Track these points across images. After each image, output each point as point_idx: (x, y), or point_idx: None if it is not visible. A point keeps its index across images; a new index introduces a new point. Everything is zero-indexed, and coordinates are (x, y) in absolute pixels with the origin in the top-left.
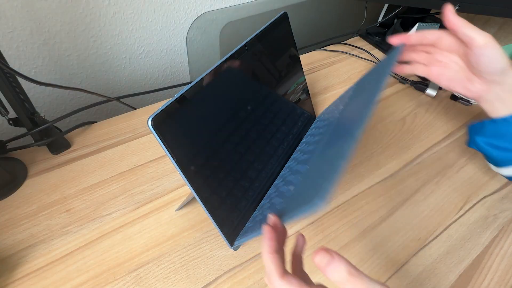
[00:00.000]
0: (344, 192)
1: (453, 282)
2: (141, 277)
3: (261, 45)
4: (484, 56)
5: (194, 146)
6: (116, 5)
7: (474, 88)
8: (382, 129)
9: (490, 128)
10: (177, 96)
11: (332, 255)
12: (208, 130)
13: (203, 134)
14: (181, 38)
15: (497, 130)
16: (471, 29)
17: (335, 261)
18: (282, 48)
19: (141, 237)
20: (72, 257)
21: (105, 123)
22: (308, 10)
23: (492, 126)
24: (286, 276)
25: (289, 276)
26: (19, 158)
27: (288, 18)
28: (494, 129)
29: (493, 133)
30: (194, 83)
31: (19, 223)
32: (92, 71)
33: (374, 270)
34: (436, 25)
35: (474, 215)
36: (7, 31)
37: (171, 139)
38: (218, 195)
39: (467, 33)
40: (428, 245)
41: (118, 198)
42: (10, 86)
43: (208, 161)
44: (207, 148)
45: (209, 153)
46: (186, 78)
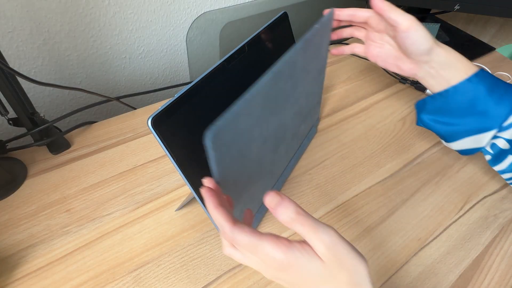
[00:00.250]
0: (344, 192)
1: (453, 282)
2: (141, 277)
3: (261, 45)
4: (409, 39)
5: (194, 146)
6: (116, 5)
7: (406, 67)
8: (382, 129)
9: (431, 104)
10: (177, 96)
11: (282, 197)
12: None
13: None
14: (181, 38)
15: (437, 105)
16: (395, 12)
17: (285, 202)
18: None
19: (141, 237)
20: (72, 257)
21: (105, 123)
22: (308, 10)
23: (432, 102)
24: (238, 223)
25: (241, 223)
26: (19, 158)
27: (288, 18)
28: (434, 105)
29: (435, 109)
30: (194, 83)
31: (19, 223)
32: (92, 71)
33: (374, 270)
34: (437, 25)
35: (474, 215)
36: (7, 31)
37: (171, 139)
38: None
39: (392, 17)
40: (428, 245)
41: (118, 198)
42: (10, 86)
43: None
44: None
45: None
46: (186, 78)
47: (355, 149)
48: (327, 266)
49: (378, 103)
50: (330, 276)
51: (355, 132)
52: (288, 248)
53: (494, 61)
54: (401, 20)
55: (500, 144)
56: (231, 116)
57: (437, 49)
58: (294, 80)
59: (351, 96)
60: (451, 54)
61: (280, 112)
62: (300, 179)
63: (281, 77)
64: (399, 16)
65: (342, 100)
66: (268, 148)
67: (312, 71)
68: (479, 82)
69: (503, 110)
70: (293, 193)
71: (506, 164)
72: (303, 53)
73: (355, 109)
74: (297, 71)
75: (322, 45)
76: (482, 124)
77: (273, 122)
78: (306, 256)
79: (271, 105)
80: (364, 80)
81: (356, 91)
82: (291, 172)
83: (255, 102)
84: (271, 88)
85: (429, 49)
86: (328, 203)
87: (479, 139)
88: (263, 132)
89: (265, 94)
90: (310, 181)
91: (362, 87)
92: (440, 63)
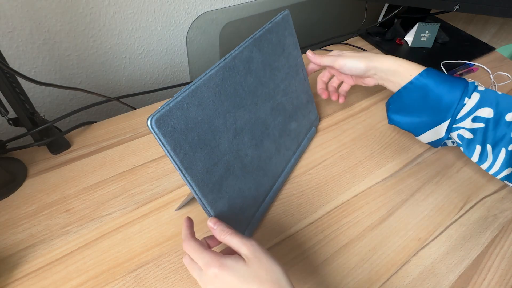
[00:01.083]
0: (344, 192)
1: (453, 282)
2: (141, 277)
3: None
4: (345, 69)
5: (194, 146)
6: (116, 5)
7: (367, 82)
8: (382, 129)
9: (393, 104)
10: (177, 96)
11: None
12: (208, 130)
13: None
14: (181, 38)
15: (397, 104)
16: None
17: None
18: (285, 47)
19: (141, 237)
20: (72, 257)
21: (105, 123)
22: (308, 10)
23: (393, 102)
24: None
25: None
26: (19, 158)
27: (290, 17)
28: (395, 104)
29: (397, 108)
30: (194, 83)
31: (19, 223)
32: (92, 71)
33: (374, 270)
34: (437, 25)
35: (474, 215)
36: (7, 31)
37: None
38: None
39: (322, 63)
40: (428, 245)
41: (118, 198)
42: (10, 86)
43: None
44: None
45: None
46: (186, 78)
47: (355, 149)
48: (250, 266)
49: (378, 103)
50: (252, 273)
51: (355, 132)
52: (221, 255)
53: (494, 61)
54: (332, 63)
55: (465, 134)
56: (175, 103)
57: (374, 63)
58: (256, 76)
59: (351, 96)
60: (393, 63)
61: (247, 106)
62: (300, 179)
63: (234, 71)
64: (329, 61)
65: None
66: (244, 141)
67: (281, 69)
68: (425, 79)
69: (453, 99)
70: (293, 193)
71: (477, 155)
72: (258, 50)
73: (355, 109)
74: (256, 67)
75: (283, 44)
76: (436, 116)
77: (241, 115)
78: (234, 259)
79: (232, 98)
80: None
81: (356, 91)
82: (292, 172)
83: (205, 93)
84: (225, 82)
85: (366, 68)
86: (328, 203)
87: (437, 131)
88: (228, 124)
89: (216, 86)
90: (310, 181)
91: (362, 87)
92: (385, 72)
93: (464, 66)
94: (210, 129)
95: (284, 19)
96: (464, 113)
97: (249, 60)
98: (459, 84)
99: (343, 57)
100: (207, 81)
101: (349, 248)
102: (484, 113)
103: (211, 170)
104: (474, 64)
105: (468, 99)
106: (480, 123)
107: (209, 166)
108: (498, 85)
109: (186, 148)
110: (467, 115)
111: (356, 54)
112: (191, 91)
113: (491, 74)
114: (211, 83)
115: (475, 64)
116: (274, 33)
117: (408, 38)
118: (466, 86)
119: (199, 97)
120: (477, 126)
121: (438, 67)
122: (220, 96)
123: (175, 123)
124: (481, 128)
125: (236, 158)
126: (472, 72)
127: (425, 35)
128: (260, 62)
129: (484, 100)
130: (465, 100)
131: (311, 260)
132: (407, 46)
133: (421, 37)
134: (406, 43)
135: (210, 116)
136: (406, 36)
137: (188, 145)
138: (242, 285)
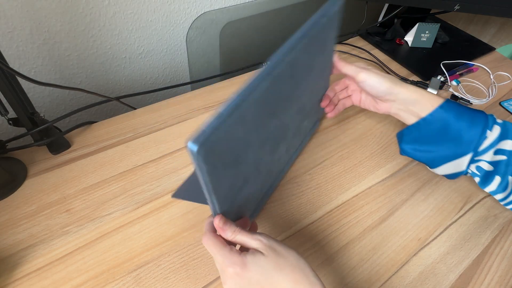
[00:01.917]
0: (344, 192)
1: (453, 282)
2: (141, 277)
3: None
4: (367, 86)
5: (227, 166)
6: (116, 5)
7: (380, 107)
8: (382, 129)
9: (408, 135)
10: (221, 114)
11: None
12: (242, 147)
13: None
14: (181, 38)
15: (413, 136)
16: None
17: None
18: (327, 43)
19: (141, 237)
20: (72, 257)
21: (105, 123)
22: (308, 10)
23: (408, 133)
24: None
25: None
26: (19, 158)
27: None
28: (410, 135)
29: (412, 139)
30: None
31: (19, 223)
32: (92, 71)
33: (374, 270)
34: (437, 25)
35: (474, 215)
36: (7, 31)
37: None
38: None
39: (348, 72)
40: (428, 245)
41: (118, 198)
42: (10, 86)
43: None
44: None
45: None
46: (186, 78)
47: (355, 149)
48: (267, 256)
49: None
50: (272, 262)
51: (355, 132)
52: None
53: (494, 61)
54: (355, 73)
55: (485, 166)
56: (218, 123)
57: (398, 89)
58: (295, 80)
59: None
60: (415, 91)
61: (281, 113)
62: (300, 179)
63: (280, 79)
64: (352, 71)
65: None
66: (266, 150)
67: (317, 68)
68: (446, 111)
69: (475, 133)
70: (293, 193)
71: (495, 185)
72: (305, 51)
73: (355, 109)
74: (299, 71)
75: (326, 40)
76: (457, 149)
77: (273, 123)
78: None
79: (269, 107)
80: None
81: None
82: (292, 172)
83: (249, 107)
84: (269, 91)
85: (388, 89)
86: (328, 203)
87: (458, 164)
88: (260, 136)
89: (259, 98)
90: (310, 181)
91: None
92: (405, 101)
93: (464, 66)
94: (244, 146)
95: (339, 10)
96: (485, 146)
97: (294, 63)
98: (480, 117)
99: (368, 72)
100: (254, 93)
101: (349, 248)
102: (507, 145)
103: (233, 185)
104: (474, 64)
105: (490, 132)
106: (502, 156)
107: (233, 182)
108: (498, 85)
109: (219, 169)
110: (489, 148)
111: (381, 73)
112: (236, 107)
113: (491, 74)
114: (255, 94)
115: (475, 64)
116: (325, 30)
117: (408, 38)
118: (486, 119)
119: (243, 113)
120: (499, 159)
121: (438, 67)
122: (260, 108)
123: (217, 145)
124: (503, 160)
125: (255, 169)
126: (472, 72)
127: (425, 35)
128: (303, 64)
129: (505, 133)
130: (487, 133)
131: (311, 260)
132: (407, 46)
133: (421, 37)
134: (406, 43)
135: (247, 132)
136: (406, 36)
137: (222, 166)
138: (264, 277)
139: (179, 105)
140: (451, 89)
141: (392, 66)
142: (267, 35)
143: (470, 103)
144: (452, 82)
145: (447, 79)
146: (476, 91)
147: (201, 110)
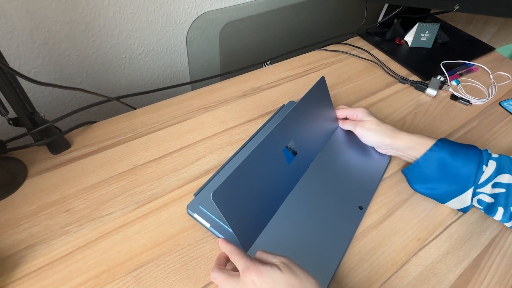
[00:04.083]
0: None
1: (453, 282)
2: (140, 277)
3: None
4: (363, 139)
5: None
6: (116, 4)
7: (380, 150)
8: None
9: (411, 175)
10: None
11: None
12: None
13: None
14: (181, 38)
15: (416, 175)
16: (347, 125)
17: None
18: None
19: (141, 237)
20: (72, 257)
21: (105, 123)
22: (308, 10)
23: (410, 173)
24: None
25: None
26: (19, 158)
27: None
28: (413, 175)
29: (416, 178)
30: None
31: (19, 223)
32: (92, 71)
33: (374, 269)
34: (436, 25)
35: (474, 215)
36: (7, 31)
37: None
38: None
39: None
40: (428, 245)
41: (118, 198)
42: (10, 86)
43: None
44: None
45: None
46: (186, 78)
47: None
48: (284, 274)
49: (378, 103)
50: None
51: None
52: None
53: (494, 61)
54: (352, 129)
55: (485, 199)
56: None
57: (392, 140)
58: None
59: (351, 96)
60: (409, 139)
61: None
62: None
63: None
64: (349, 127)
65: (342, 100)
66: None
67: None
68: (440, 149)
69: (471, 170)
70: None
71: (500, 215)
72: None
73: None
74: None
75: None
76: (458, 185)
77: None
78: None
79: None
80: (364, 80)
81: (356, 91)
82: None
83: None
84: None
85: (382, 143)
86: None
87: (462, 199)
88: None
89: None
90: None
91: (362, 87)
92: (402, 147)
93: (464, 66)
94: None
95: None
96: (483, 180)
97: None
98: (474, 153)
99: (363, 128)
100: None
101: (349, 248)
102: (504, 179)
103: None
104: (474, 64)
105: (486, 167)
106: (501, 189)
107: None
108: (498, 85)
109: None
110: (486, 181)
111: (375, 127)
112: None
113: (491, 74)
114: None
115: (475, 64)
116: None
117: (408, 38)
118: (481, 155)
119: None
120: (498, 192)
121: (438, 67)
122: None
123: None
124: (502, 192)
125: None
126: (472, 72)
127: (425, 35)
128: None
129: (501, 167)
130: (483, 168)
131: None
132: (407, 46)
133: (421, 37)
134: (406, 43)
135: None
136: (406, 36)
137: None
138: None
139: (179, 105)
140: (450, 89)
141: (392, 66)
142: (267, 35)
143: (470, 103)
144: (452, 82)
145: (447, 79)
146: (476, 91)
147: (201, 110)
